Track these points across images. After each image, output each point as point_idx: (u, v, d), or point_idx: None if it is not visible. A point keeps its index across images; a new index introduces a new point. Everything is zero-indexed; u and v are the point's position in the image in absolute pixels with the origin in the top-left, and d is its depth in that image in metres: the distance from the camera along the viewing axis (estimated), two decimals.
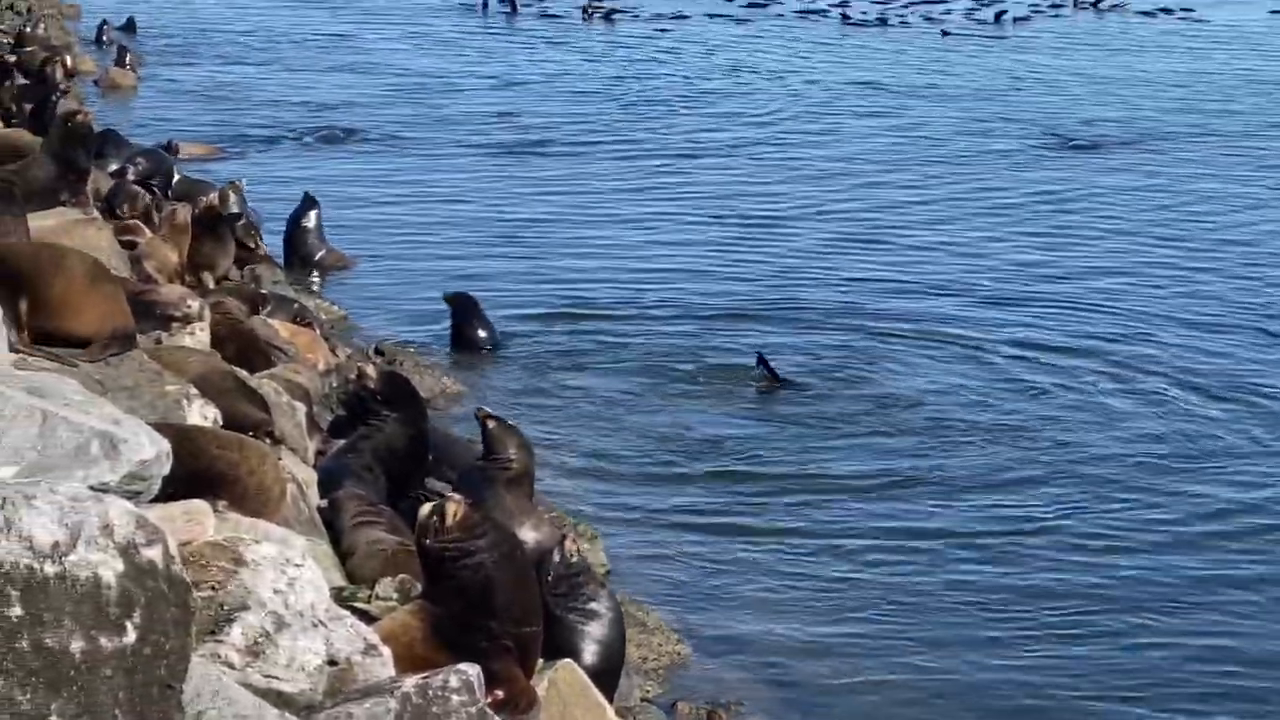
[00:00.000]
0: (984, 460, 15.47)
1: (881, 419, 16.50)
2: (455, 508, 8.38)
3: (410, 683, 6.52)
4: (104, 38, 35.73)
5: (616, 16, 43.46)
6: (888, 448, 15.78)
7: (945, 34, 42.38)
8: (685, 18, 44.02)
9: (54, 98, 20.35)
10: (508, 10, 44.03)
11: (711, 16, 44.31)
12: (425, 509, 8.53)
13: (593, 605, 10.22)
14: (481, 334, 18.04)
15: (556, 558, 10.35)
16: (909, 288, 20.90)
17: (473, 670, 6.64)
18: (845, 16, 45.37)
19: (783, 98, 33.43)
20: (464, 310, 18.08)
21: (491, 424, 12.18)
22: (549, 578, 10.12)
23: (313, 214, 20.71)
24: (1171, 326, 19.47)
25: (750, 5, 46.89)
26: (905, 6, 47.55)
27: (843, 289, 20.82)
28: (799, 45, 40.39)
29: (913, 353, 18.43)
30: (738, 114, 31.84)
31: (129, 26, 36.89)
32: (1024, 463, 15.42)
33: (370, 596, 9.22)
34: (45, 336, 9.72)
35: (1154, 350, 18.60)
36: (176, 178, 21.19)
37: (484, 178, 25.99)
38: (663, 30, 41.91)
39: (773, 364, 17.38)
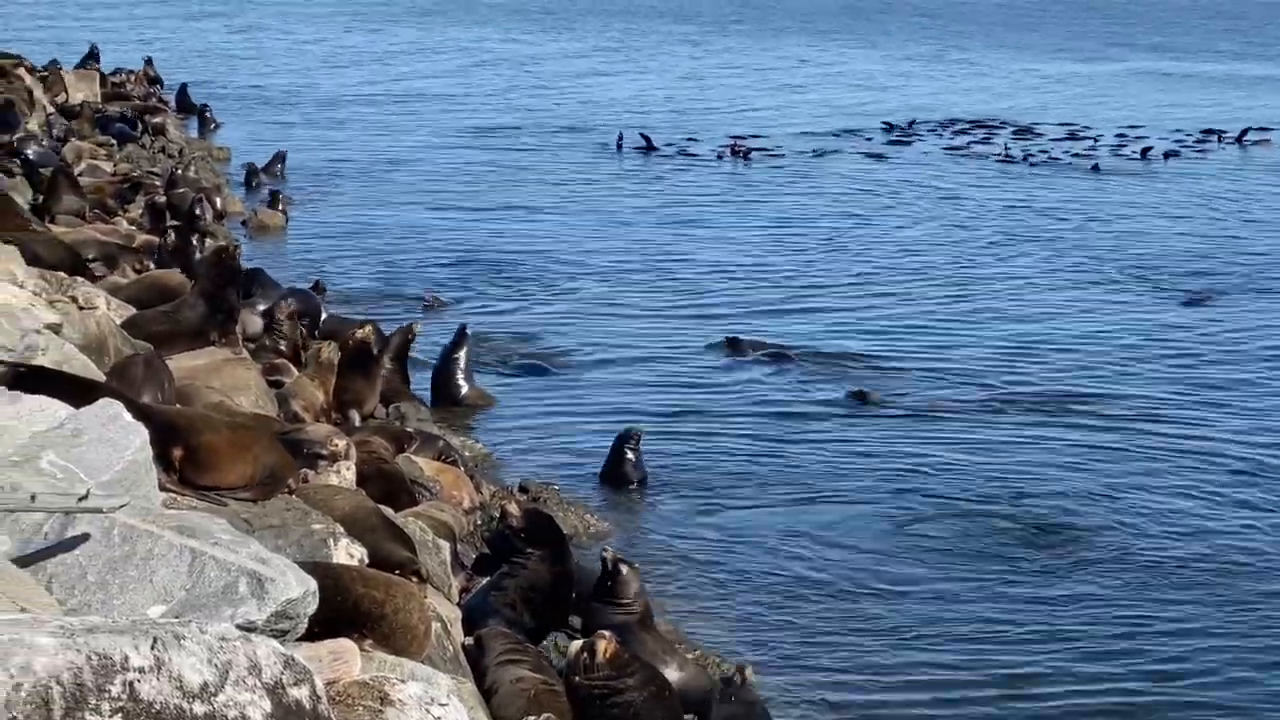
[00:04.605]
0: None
1: (1075, 558, 16.13)
2: (606, 644, 8.34)
3: None
4: (254, 181, 36.29)
5: (755, 155, 43.74)
6: (1076, 597, 15.29)
7: (1095, 169, 42.33)
8: (821, 155, 44.21)
9: (196, 239, 20.67)
10: (643, 149, 44.42)
11: (852, 154, 44.50)
12: (575, 645, 8.50)
13: None
14: (632, 471, 18.01)
15: (739, 680, 10.32)
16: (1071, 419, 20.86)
17: None
18: (985, 153, 45.34)
19: (925, 233, 33.36)
20: (627, 446, 18.05)
21: (623, 568, 12.18)
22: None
23: (460, 352, 20.81)
24: None
25: (890, 143, 46.99)
26: (1051, 141, 47.53)
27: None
28: (941, 181, 40.38)
29: (1093, 486, 18.24)
30: (883, 245, 31.82)
31: (271, 169, 37.47)
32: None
33: None
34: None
35: None
36: (324, 316, 21.42)
37: (630, 316, 25.99)
38: (803, 169, 42.10)
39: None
